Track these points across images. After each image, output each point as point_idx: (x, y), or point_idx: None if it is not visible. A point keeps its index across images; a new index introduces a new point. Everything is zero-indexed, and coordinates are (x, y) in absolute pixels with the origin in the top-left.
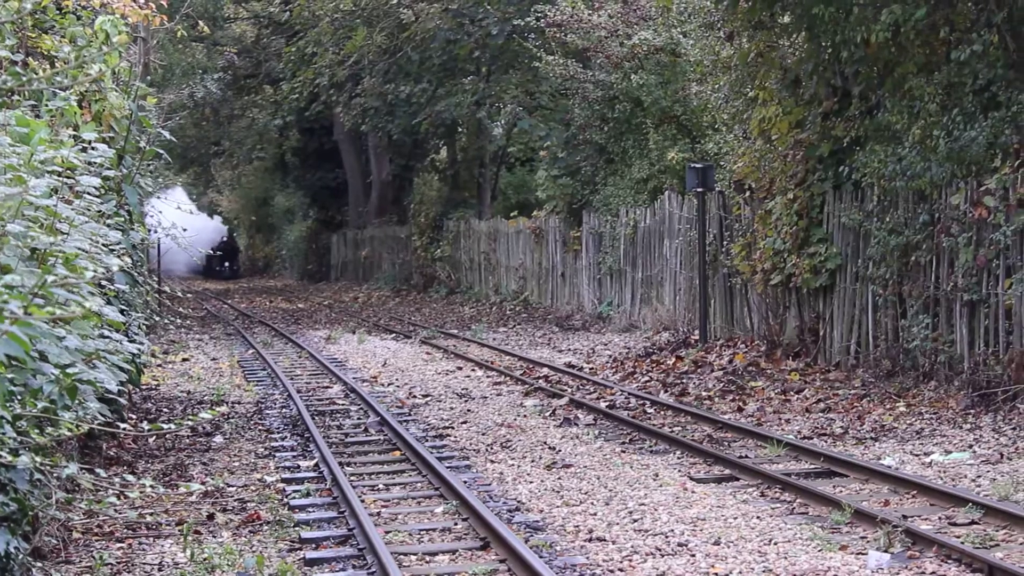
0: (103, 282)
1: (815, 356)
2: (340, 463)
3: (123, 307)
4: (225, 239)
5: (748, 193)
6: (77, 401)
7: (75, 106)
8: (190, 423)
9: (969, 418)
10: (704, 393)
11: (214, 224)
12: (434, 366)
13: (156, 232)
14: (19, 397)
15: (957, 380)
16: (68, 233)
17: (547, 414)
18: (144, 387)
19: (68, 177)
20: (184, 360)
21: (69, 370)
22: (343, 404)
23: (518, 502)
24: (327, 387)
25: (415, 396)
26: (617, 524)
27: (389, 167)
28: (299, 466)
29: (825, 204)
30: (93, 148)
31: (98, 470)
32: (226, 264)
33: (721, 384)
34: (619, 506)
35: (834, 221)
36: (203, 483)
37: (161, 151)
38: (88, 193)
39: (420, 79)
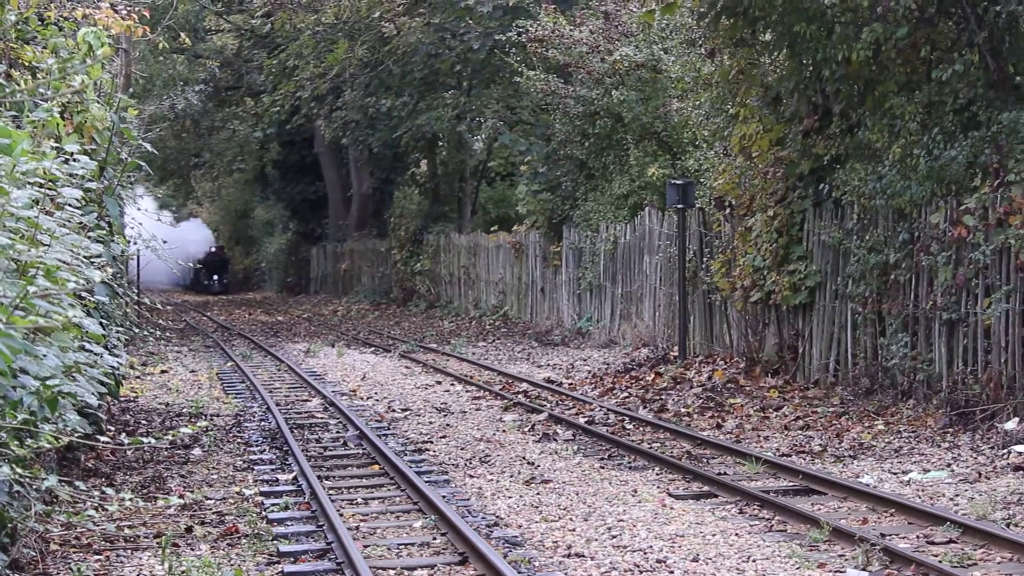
0: (83, 294)
1: (794, 373)
2: (319, 476)
3: (103, 319)
4: (214, 249)
5: (728, 210)
6: (57, 413)
7: (57, 117)
8: (169, 437)
9: (947, 437)
10: (683, 409)
11: (203, 233)
12: (413, 380)
13: (135, 243)
14: None
15: (936, 399)
16: (49, 245)
17: (526, 429)
18: (123, 399)
19: (50, 189)
20: (163, 372)
21: (49, 382)
22: (322, 417)
23: (497, 517)
24: (306, 400)
25: (394, 410)
26: (596, 540)
27: (369, 180)
28: (278, 479)
29: (805, 222)
30: (75, 160)
31: (77, 482)
32: (215, 277)
33: (700, 401)
34: (598, 522)
35: (814, 239)
36: (181, 496)
37: (142, 163)
38: (70, 205)
39: (401, 93)
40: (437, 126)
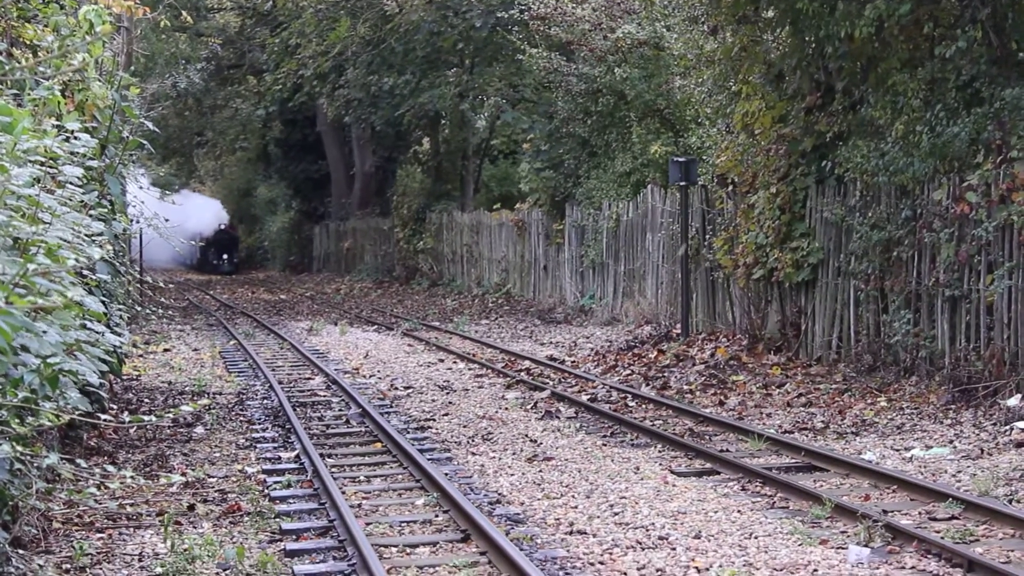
0: (85, 272)
1: (797, 350)
2: (321, 454)
3: (104, 297)
4: (224, 226)
5: (731, 187)
6: (58, 391)
7: (58, 96)
8: (171, 415)
9: (950, 413)
10: (685, 387)
11: (212, 206)
12: (416, 358)
13: (137, 222)
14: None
15: (938, 375)
16: (50, 223)
17: (529, 407)
18: (125, 377)
19: (51, 167)
20: (166, 351)
21: (50, 360)
22: (325, 396)
23: (499, 495)
24: (309, 378)
25: (397, 388)
26: (598, 517)
27: (372, 159)
28: (280, 457)
29: (808, 199)
30: (76, 138)
31: (78, 460)
32: (224, 257)
33: (703, 378)
34: (600, 499)
35: (816, 216)
36: (184, 474)
37: (144, 141)
38: (71, 183)
39: (403, 71)
40: (440, 104)
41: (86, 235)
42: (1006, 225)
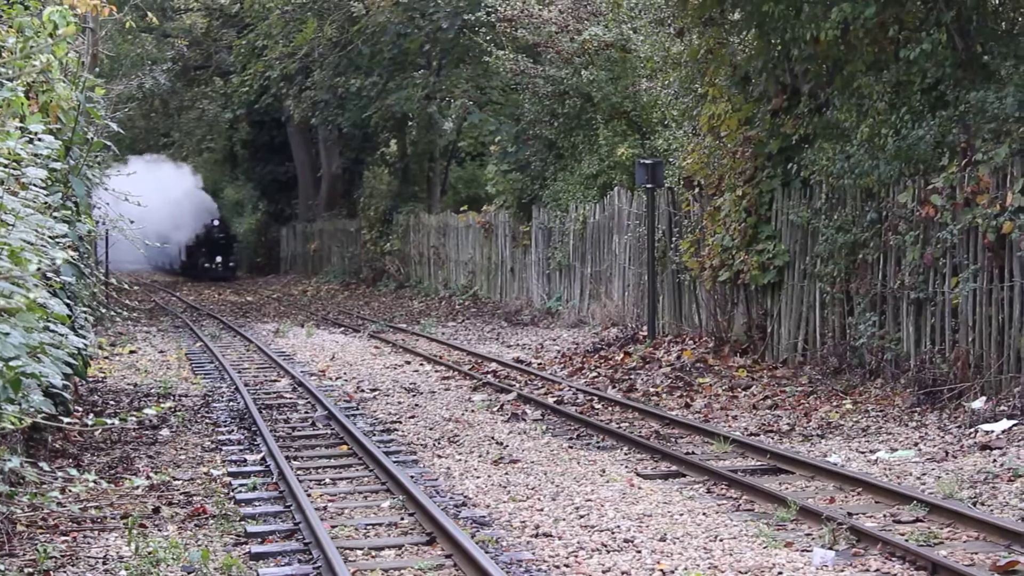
0: (49, 274)
1: (763, 353)
2: (287, 457)
3: (69, 300)
4: (216, 223)
5: (697, 190)
6: (21, 394)
7: (22, 97)
8: (135, 418)
9: (915, 416)
10: (652, 389)
11: (199, 196)
12: (382, 360)
13: (103, 224)
14: None
15: (903, 378)
16: (13, 225)
17: (495, 409)
18: (91, 379)
19: (14, 168)
20: (131, 352)
21: (12, 363)
22: (291, 398)
23: (465, 497)
24: (275, 381)
25: (363, 390)
26: (564, 520)
27: (339, 160)
28: (246, 460)
29: (774, 201)
30: (40, 139)
31: (42, 463)
32: (217, 259)
33: (669, 380)
34: (566, 502)
35: (783, 218)
36: (149, 477)
37: (109, 143)
38: (34, 185)
39: (370, 72)
40: (407, 106)
41: (50, 237)
42: (971, 228)
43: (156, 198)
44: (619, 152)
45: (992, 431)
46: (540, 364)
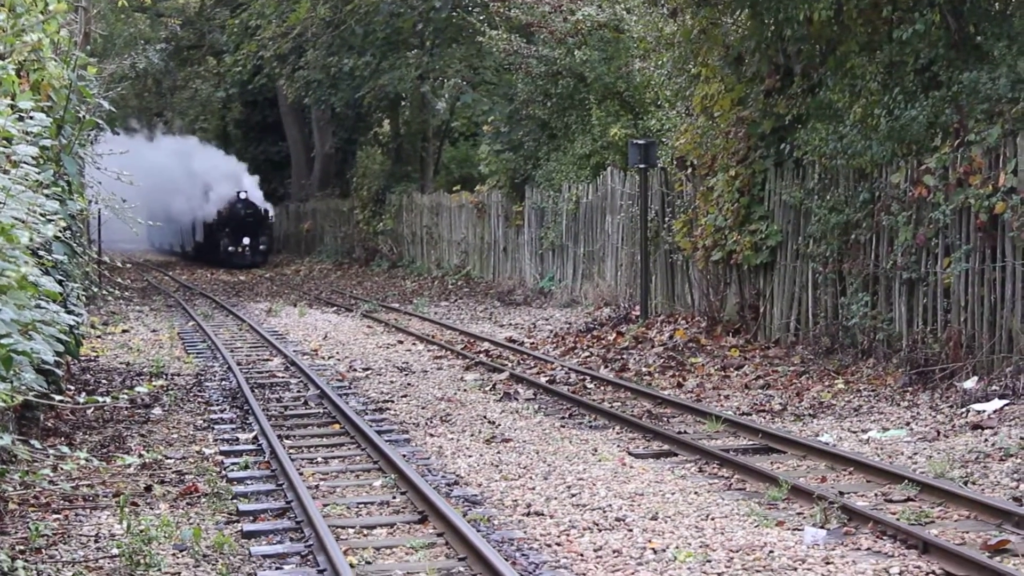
0: (40, 252)
1: (755, 333)
2: (279, 436)
3: (61, 277)
4: (243, 195)
5: (690, 170)
6: (12, 371)
7: (13, 75)
8: (127, 396)
9: (907, 395)
10: (644, 369)
11: (222, 165)
12: (375, 340)
13: (95, 202)
14: None
15: (895, 358)
16: (4, 202)
17: (487, 388)
18: (84, 358)
19: (4, 146)
20: (124, 331)
21: (4, 340)
22: (283, 377)
23: (457, 476)
24: (267, 360)
25: (355, 369)
26: (555, 499)
27: (332, 140)
28: (238, 439)
29: (766, 181)
30: (30, 118)
31: (34, 441)
32: (245, 242)
33: (661, 360)
34: (557, 481)
35: (775, 198)
36: (141, 455)
37: (100, 121)
38: (25, 163)
39: (364, 52)
40: (400, 86)
41: (41, 214)
42: (963, 208)
43: (167, 168)
44: (612, 132)
45: (983, 411)
46: (532, 344)
